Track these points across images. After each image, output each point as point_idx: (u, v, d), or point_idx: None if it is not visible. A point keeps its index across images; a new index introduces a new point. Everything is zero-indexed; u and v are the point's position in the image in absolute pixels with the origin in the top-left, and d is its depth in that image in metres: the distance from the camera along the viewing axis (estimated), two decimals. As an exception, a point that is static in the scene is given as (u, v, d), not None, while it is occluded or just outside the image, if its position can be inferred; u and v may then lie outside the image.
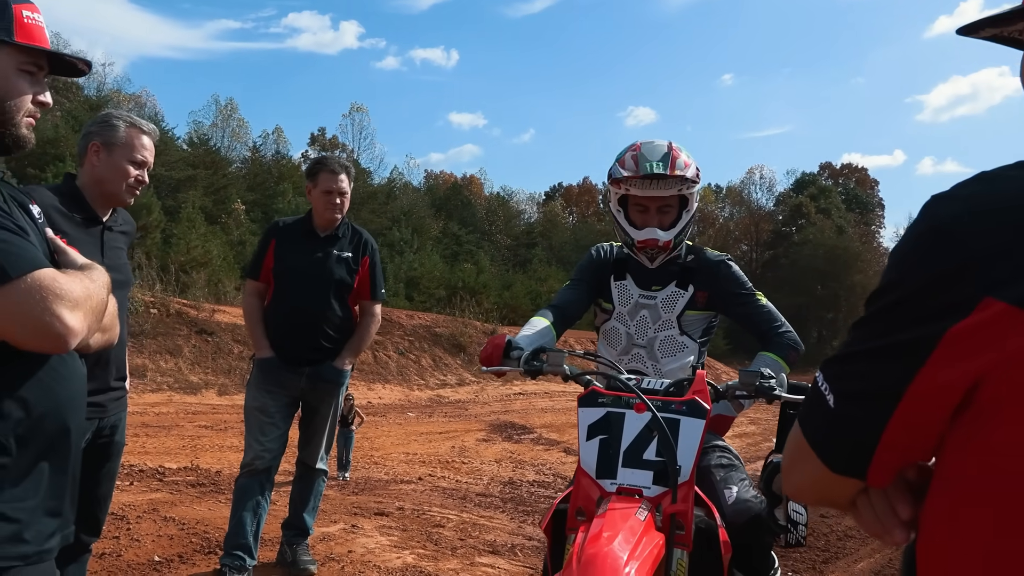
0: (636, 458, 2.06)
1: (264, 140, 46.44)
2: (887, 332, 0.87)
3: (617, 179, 2.71)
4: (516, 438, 11.16)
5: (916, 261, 0.87)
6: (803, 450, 0.97)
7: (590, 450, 2.11)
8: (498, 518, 6.27)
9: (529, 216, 58.03)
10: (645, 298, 2.78)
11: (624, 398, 2.15)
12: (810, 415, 0.97)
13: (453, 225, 43.53)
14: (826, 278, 44.02)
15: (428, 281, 30.79)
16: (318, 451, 4.07)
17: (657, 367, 2.73)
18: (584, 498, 2.05)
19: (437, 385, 17.56)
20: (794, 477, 1.02)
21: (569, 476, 8.80)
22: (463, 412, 14.32)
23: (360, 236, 4.10)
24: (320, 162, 4.10)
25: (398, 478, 7.68)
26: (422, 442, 10.09)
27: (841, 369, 0.93)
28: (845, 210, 55.07)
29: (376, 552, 4.50)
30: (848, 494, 0.98)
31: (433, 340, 19.49)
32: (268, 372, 3.90)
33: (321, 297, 3.92)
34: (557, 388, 19.17)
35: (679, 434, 2.07)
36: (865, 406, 0.89)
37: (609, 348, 2.80)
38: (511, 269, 41.96)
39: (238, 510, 3.81)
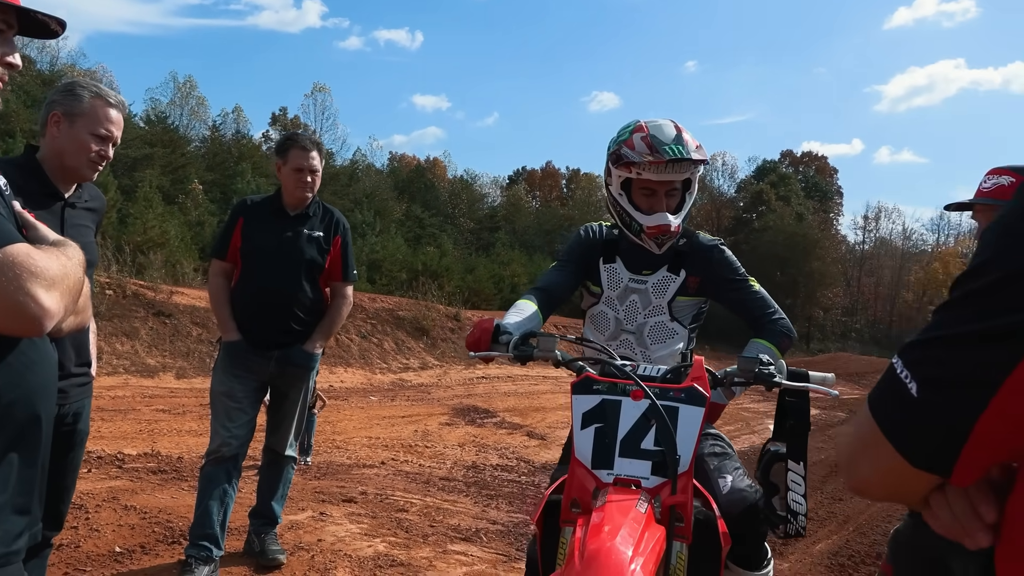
0: (634, 447, 1.98)
1: (224, 119, 45.46)
2: (986, 315, 0.79)
3: (629, 162, 2.53)
4: (479, 422, 11.11)
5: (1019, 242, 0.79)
6: (875, 441, 0.88)
7: (585, 439, 2.02)
8: (462, 502, 6.22)
9: (492, 200, 57.75)
10: (635, 282, 2.68)
11: (620, 385, 2.06)
12: (886, 403, 0.88)
13: (416, 208, 43.15)
14: (786, 264, 44.46)
15: (391, 264, 30.51)
16: (287, 437, 3.93)
17: (646, 354, 2.64)
18: (579, 489, 1.96)
19: (400, 369, 17.42)
20: (860, 469, 0.93)
21: (532, 460, 8.88)
22: (426, 396, 14.22)
23: (331, 215, 3.95)
24: (291, 139, 3.94)
25: (361, 462, 7.59)
26: (385, 426, 9.99)
27: (927, 355, 0.84)
28: (804, 197, 55.74)
29: (346, 540, 4.39)
30: (924, 490, 0.90)
31: (396, 323, 19.32)
32: (235, 356, 3.75)
33: (291, 278, 3.78)
34: (520, 372, 19.14)
35: (678, 422, 1.99)
36: (956, 395, 0.80)
37: (596, 333, 2.69)
38: (474, 253, 41.74)
39: (204, 499, 3.67)
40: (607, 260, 2.71)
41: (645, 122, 2.59)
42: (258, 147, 42.61)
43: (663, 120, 2.58)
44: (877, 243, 64.28)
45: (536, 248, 44.19)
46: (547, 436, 10.49)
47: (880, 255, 63.21)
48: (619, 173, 2.59)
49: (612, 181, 2.64)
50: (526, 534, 5.34)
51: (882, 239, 64.48)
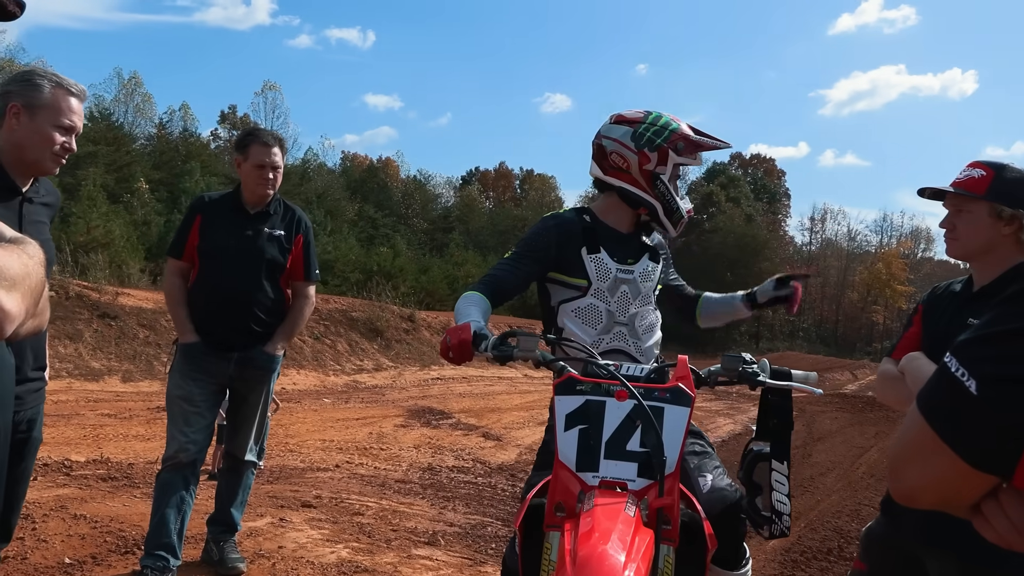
0: (619, 449, 1.94)
1: (170, 117, 44.46)
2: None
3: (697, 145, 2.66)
4: (434, 423, 11.02)
5: None
6: (929, 444, 0.85)
7: (569, 441, 1.97)
8: (418, 505, 6.15)
9: (446, 200, 57.63)
10: (623, 272, 2.62)
11: (604, 385, 2.02)
12: (941, 403, 0.85)
13: (369, 208, 42.85)
14: (735, 265, 45.20)
15: (343, 265, 30.24)
16: (247, 442, 3.81)
17: (638, 345, 2.60)
18: (564, 492, 1.91)
19: (353, 370, 17.23)
20: (911, 474, 0.90)
21: (488, 461, 8.83)
22: (380, 397, 14.08)
23: (293, 213, 3.84)
24: (252, 134, 3.82)
25: (315, 466, 7.46)
26: (338, 428, 9.84)
27: (986, 351, 0.82)
28: (754, 199, 56.80)
29: (308, 547, 4.27)
30: (978, 494, 0.87)
31: (349, 325, 19.11)
32: (193, 358, 3.62)
33: (251, 278, 3.66)
34: (475, 373, 19.09)
35: (663, 423, 1.95)
36: (1017, 391, 0.77)
37: (585, 328, 2.59)
38: (428, 253, 41.63)
39: (160, 507, 3.53)
40: (591, 251, 2.62)
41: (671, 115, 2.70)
42: (206, 145, 41.80)
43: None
44: (823, 244, 65.76)
45: (490, 248, 44.18)
46: (503, 437, 10.45)
47: (826, 256, 64.62)
48: (681, 160, 2.64)
49: (667, 170, 2.62)
50: (484, 536, 5.28)
51: (828, 240, 66.00)
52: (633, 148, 2.60)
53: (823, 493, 8.52)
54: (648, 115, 2.65)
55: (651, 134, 2.60)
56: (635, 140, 2.60)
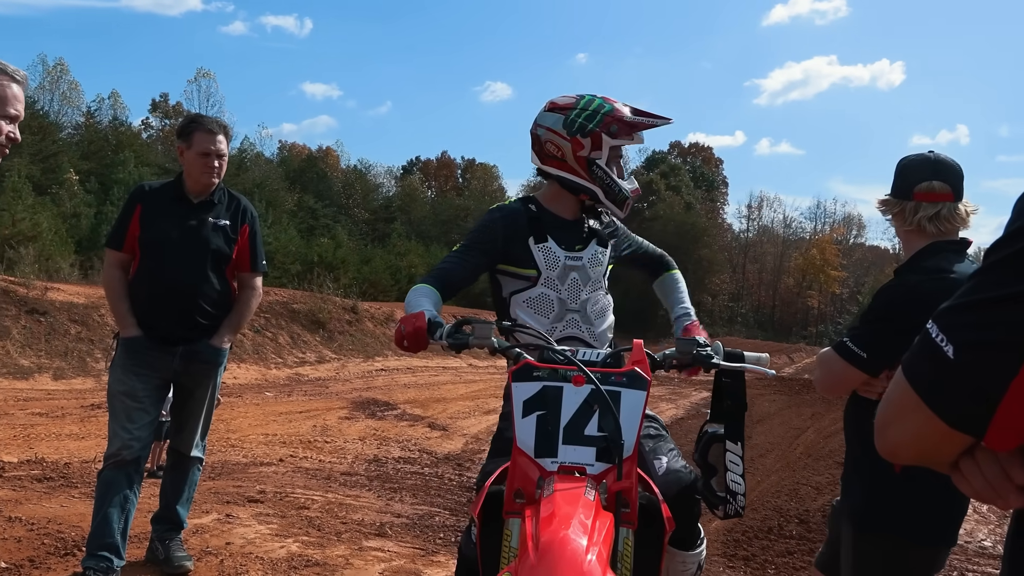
0: (577, 434, 1.95)
1: (99, 105, 43.00)
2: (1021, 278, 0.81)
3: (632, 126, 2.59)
4: (379, 415, 10.96)
5: None
6: (910, 404, 0.90)
7: (527, 427, 1.97)
8: (365, 497, 6.12)
9: (387, 190, 57.10)
10: (572, 260, 2.62)
11: (561, 371, 2.02)
12: (922, 367, 0.90)
13: (309, 198, 42.19)
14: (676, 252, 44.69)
15: (283, 256, 29.74)
16: (193, 437, 3.73)
17: (591, 330, 2.61)
18: (523, 479, 1.92)
19: (296, 363, 16.99)
20: (893, 433, 0.96)
21: (435, 451, 8.82)
22: (324, 390, 13.93)
23: (238, 203, 3.76)
24: (195, 121, 3.71)
25: (258, 460, 7.36)
26: (281, 422, 9.72)
27: (963, 318, 0.86)
28: (693, 187, 57.67)
29: (256, 542, 4.21)
30: (955, 452, 0.92)
31: (290, 317, 18.83)
32: (135, 352, 3.52)
33: (196, 269, 3.57)
34: (419, 363, 19.01)
35: (620, 407, 1.97)
36: (992, 356, 0.82)
37: (538, 317, 2.59)
38: (370, 244, 41.22)
39: (103, 506, 3.43)
40: (538, 240, 2.62)
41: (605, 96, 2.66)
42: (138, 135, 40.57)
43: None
44: (760, 231, 67.22)
45: (433, 238, 43.98)
46: (449, 427, 10.45)
47: (763, 242, 66.10)
48: (618, 141, 2.59)
49: (603, 154, 2.58)
50: (433, 526, 5.28)
51: (764, 227, 67.49)
52: (565, 135, 2.58)
53: (763, 474, 8.75)
54: (580, 100, 2.61)
55: (583, 120, 2.58)
56: (567, 127, 2.58)
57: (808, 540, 6.04)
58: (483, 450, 8.64)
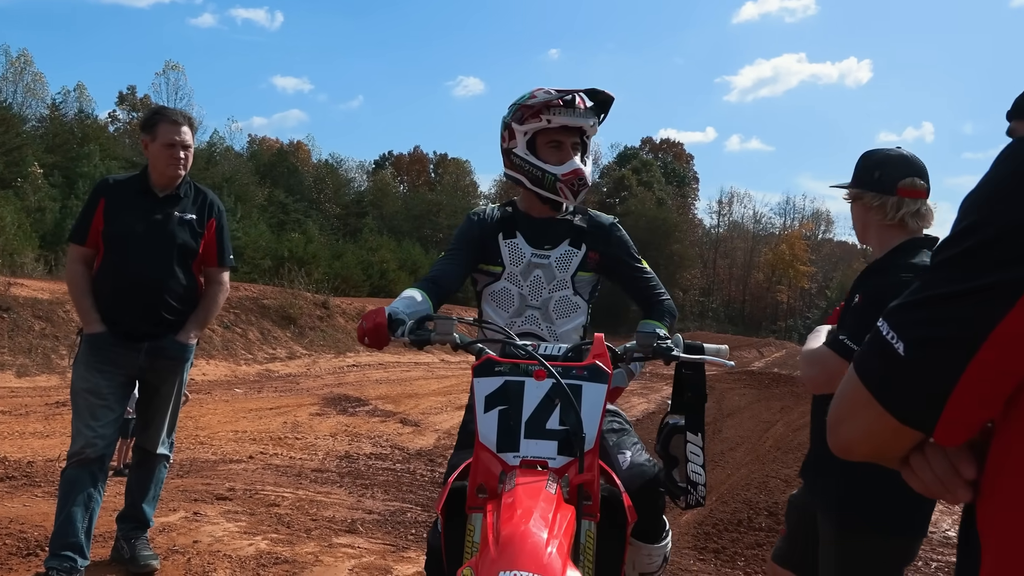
0: (539, 428, 1.97)
1: (64, 97, 42.19)
2: (969, 276, 0.84)
3: (537, 110, 2.55)
4: (351, 411, 10.93)
5: (1003, 204, 0.84)
6: (862, 400, 0.92)
7: (489, 422, 1.99)
8: (336, 493, 6.11)
9: (359, 184, 56.79)
10: (538, 257, 2.66)
11: (522, 366, 2.04)
12: (873, 364, 0.92)
13: (279, 193, 41.81)
14: (647, 248, 45.93)
15: (253, 251, 29.49)
16: (159, 434, 3.70)
17: (552, 329, 2.64)
18: (485, 474, 1.94)
19: (266, 359, 16.87)
20: (845, 429, 0.98)
21: (407, 447, 8.82)
22: (294, 386, 13.85)
23: (205, 196, 3.73)
24: (159, 113, 3.68)
25: (227, 458, 7.31)
26: (252, 419, 9.65)
27: (912, 316, 0.89)
28: (664, 183, 58.01)
29: (224, 540, 4.18)
30: (906, 448, 0.95)
31: (261, 312, 18.67)
32: (100, 349, 3.48)
33: (161, 264, 3.54)
34: (391, 358, 18.95)
35: (582, 400, 1.99)
36: (941, 353, 0.85)
37: (499, 311, 2.65)
38: (341, 239, 40.95)
39: (66, 505, 3.39)
40: (507, 236, 2.68)
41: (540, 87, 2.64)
42: (104, 128, 39.95)
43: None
44: (730, 226, 67.74)
45: (405, 233, 43.85)
46: (421, 423, 10.44)
47: (733, 238, 66.66)
48: (527, 128, 2.59)
49: (517, 143, 2.63)
50: (405, 522, 5.29)
51: (735, 223, 68.04)
52: (501, 134, 2.69)
53: (733, 467, 8.85)
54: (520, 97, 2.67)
55: (504, 116, 2.68)
56: (501, 127, 2.70)
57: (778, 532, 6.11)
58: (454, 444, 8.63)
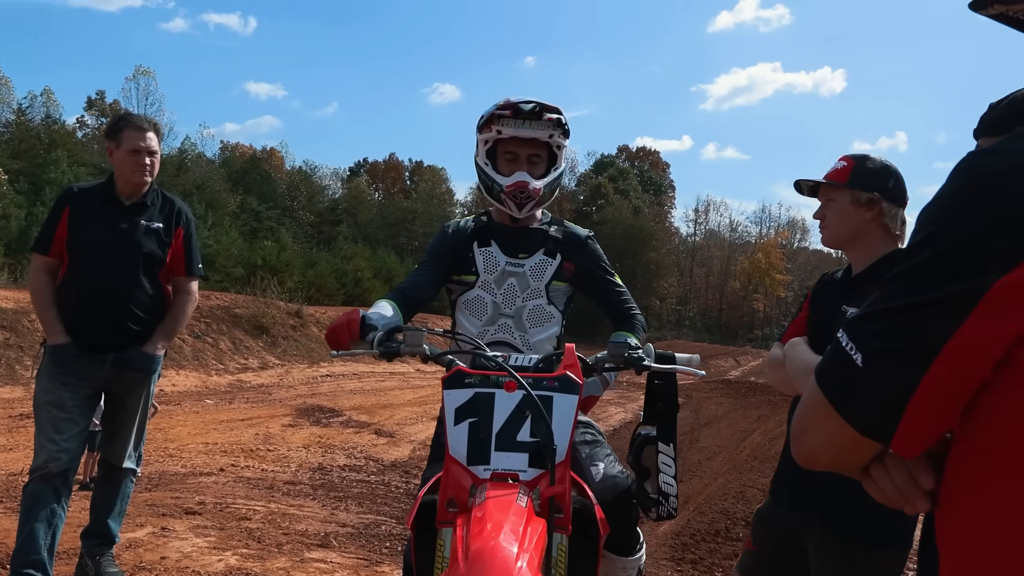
0: (510, 440, 1.97)
1: (31, 102, 41.62)
2: (925, 287, 0.86)
3: (488, 120, 2.61)
4: (324, 422, 10.85)
5: (958, 215, 0.85)
6: (822, 411, 0.94)
7: (459, 435, 1.99)
8: (309, 506, 6.07)
9: (333, 192, 56.62)
10: (513, 265, 2.69)
11: (492, 377, 2.05)
12: (833, 375, 0.94)
13: (252, 200, 41.48)
14: (624, 256, 46.21)
15: (225, 259, 29.20)
16: (126, 448, 3.65)
17: (525, 338, 2.66)
18: (455, 487, 1.93)
19: (237, 369, 16.72)
20: (807, 440, 0.99)
21: (381, 458, 8.77)
22: (267, 397, 13.73)
23: (172, 204, 3.71)
24: (124, 119, 3.66)
25: (197, 470, 7.23)
26: (222, 431, 9.55)
27: (870, 327, 0.91)
28: (641, 191, 58.35)
29: (193, 556, 4.14)
30: (866, 458, 0.97)
31: (232, 321, 18.51)
32: (63, 361, 3.44)
33: (128, 274, 3.51)
34: (365, 369, 18.84)
35: (552, 412, 1.99)
36: (897, 364, 0.87)
37: (472, 319, 2.68)
38: (315, 247, 40.71)
39: (29, 521, 3.34)
40: (482, 244, 2.72)
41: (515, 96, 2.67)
42: (72, 133, 39.47)
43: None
44: (707, 235, 68.27)
45: (380, 241, 43.70)
46: (396, 434, 10.38)
47: (710, 246, 67.14)
48: (483, 137, 2.66)
49: (479, 151, 2.70)
50: (379, 535, 5.26)
51: (711, 231, 68.56)
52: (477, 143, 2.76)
53: (710, 477, 8.88)
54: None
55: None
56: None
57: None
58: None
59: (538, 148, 2.66)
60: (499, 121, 2.59)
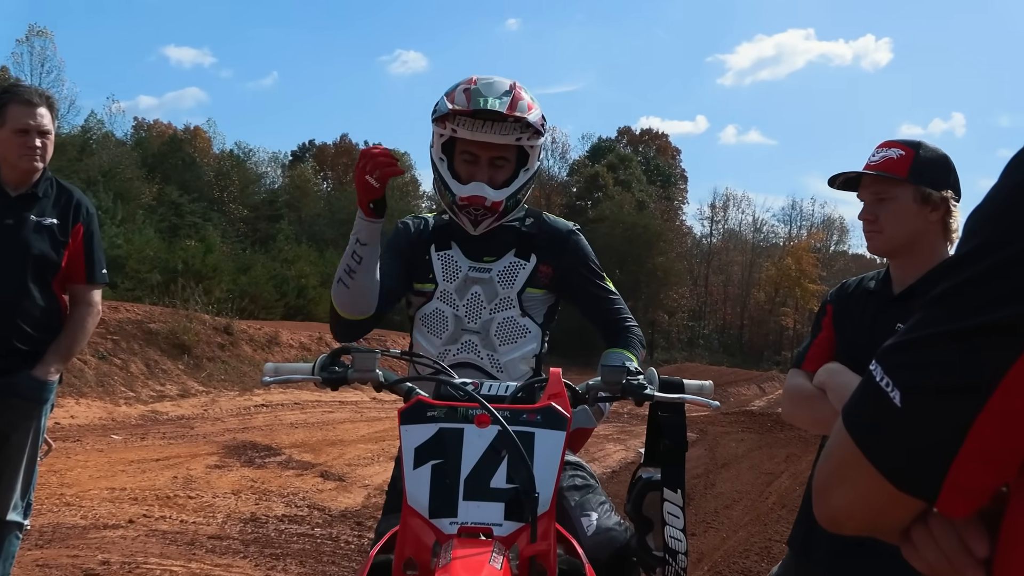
0: (481, 487, 1.96)
1: None
2: (979, 308, 0.83)
3: (443, 115, 2.59)
4: (259, 462, 10.82)
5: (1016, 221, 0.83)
6: (852, 461, 0.92)
7: (420, 481, 1.97)
8: (238, 565, 6.06)
9: (272, 181, 56.71)
10: (477, 271, 2.69)
11: (461, 409, 2.03)
12: (864, 416, 0.92)
13: (171, 190, 41.49)
14: (626, 260, 46.42)
15: (138, 262, 29.19)
16: (11, 496, 3.63)
17: (494, 357, 2.66)
18: (415, 545, 1.91)
19: (152, 398, 16.63)
20: (835, 496, 0.97)
21: (329, 507, 8.75)
22: (188, 432, 13.66)
23: (70, 196, 3.72)
24: (9, 91, 3.66)
25: (101, 522, 7.18)
26: (133, 473, 9.50)
27: (910, 358, 0.88)
28: (646, 182, 58.65)
29: (91, 627, 4.10)
30: (905, 520, 0.95)
31: (146, 339, 18.43)
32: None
33: (13, 280, 3.51)
34: (310, 397, 18.79)
35: (535, 452, 1.98)
36: (943, 402, 0.84)
37: (431, 337, 2.68)
38: (249, 247, 40.72)
39: None
40: (440, 247, 2.72)
41: (479, 77, 2.64)
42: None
43: (501, 78, 2.64)
44: (725, 236, 68.73)
45: (329, 242, 43.70)
46: (346, 476, 10.36)
47: (729, 250, 67.59)
48: (437, 131, 2.65)
49: (434, 143, 2.69)
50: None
51: (731, 231, 69.05)
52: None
53: (729, 529, 8.92)
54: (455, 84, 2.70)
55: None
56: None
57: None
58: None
59: (503, 149, 2.64)
60: (454, 119, 2.57)
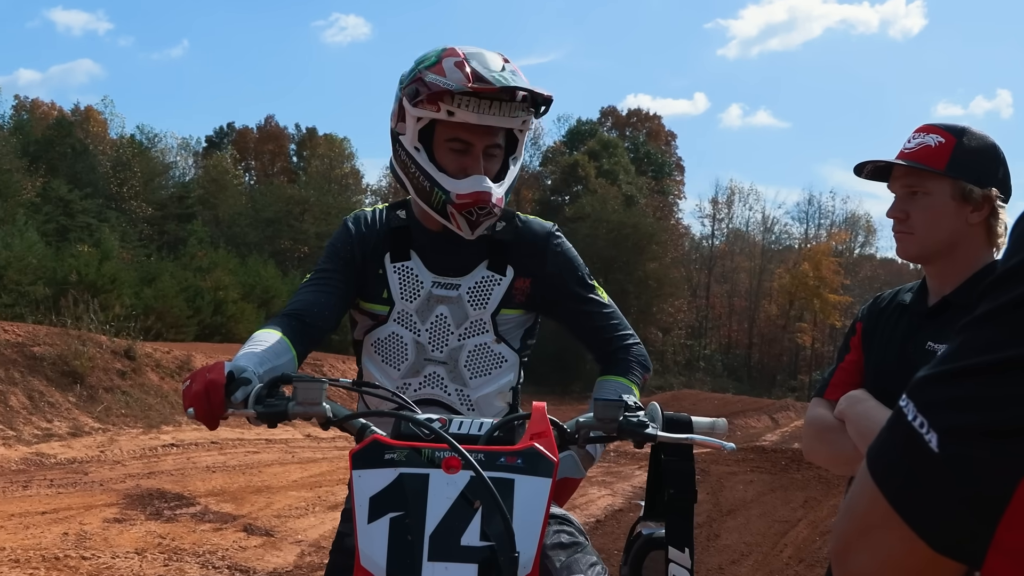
0: (450, 545, 1.95)
1: None
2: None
3: (439, 93, 2.45)
4: (168, 514, 10.78)
5: None
6: (880, 517, 0.91)
7: (375, 537, 1.97)
8: (143, 643, 6.01)
9: (182, 173, 56.52)
10: (442, 288, 2.65)
11: (426, 451, 2.02)
12: (895, 464, 0.91)
13: (59, 184, 41.31)
14: (611, 267, 46.49)
15: (18, 272, 28.97)
16: None
17: (463, 393, 2.65)
18: (369, 616, 1.91)
19: (37, 438, 16.50)
20: (859, 559, 0.96)
21: (254, 567, 8.75)
22: (81, 478, 13.56)
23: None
24: None
25: (-27, 591, 7.15)
26: (13, 529, 9.44)
27: (948, 393, 0.87)
28: (635, 173, 58.93)
29: None
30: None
31: (29, 366, 18.30)
32: None
33: None
34: (230, 434, 18.71)
35: (514, 502, 1.98)
36: (991, 448, 0.83)
37: (386, 367, 2.65)
38: (155, 253, 40.54)
39: None
40: (396, 257, 2.67)
41: (459, 47, 2.55)
42: None
43: (483, 49, 2.57)
44: (730, 237, 69.31)
45: (252, 246, 43.69)
46: (275, 531, 10.35)
47: (734, 253, 68.11)
48: (419, 113, 2.52)
49: (407, 129, 2.57)
50: None
51: (736, 231, 69.64)
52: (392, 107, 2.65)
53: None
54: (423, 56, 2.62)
55: (401, 79, 2.62)
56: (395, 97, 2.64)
57: None
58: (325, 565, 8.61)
59: (497, 135, 2.58)
60: (451, 99, 2.44)
